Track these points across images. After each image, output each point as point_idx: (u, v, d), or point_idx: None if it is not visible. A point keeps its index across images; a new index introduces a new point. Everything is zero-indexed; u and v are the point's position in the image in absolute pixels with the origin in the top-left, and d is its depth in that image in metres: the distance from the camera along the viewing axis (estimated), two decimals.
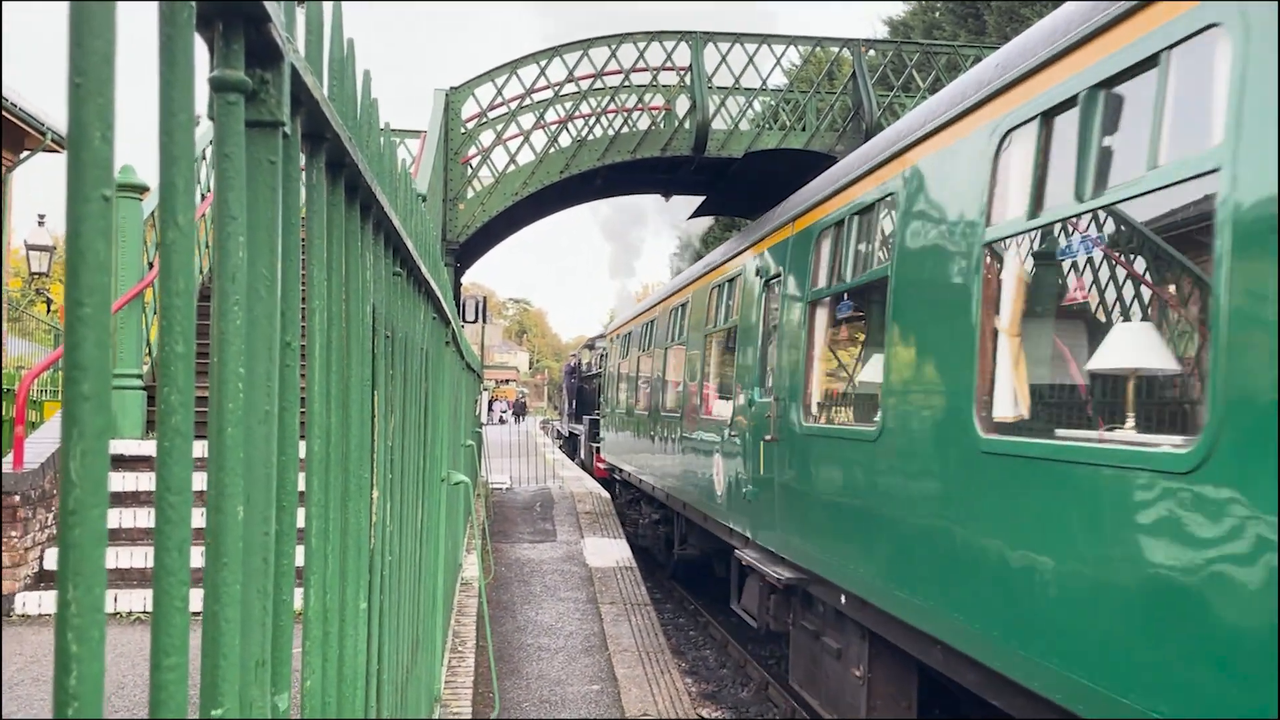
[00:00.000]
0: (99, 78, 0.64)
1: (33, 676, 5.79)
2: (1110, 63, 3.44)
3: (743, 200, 16.47)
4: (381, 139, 2.15)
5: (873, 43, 15.72)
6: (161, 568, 0.81)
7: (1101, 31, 3.50)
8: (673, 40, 14.41)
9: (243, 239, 0.99)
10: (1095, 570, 3.29)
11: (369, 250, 1.91)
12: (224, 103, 1.00)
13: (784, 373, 7.19)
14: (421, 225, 3.15)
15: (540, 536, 12.28)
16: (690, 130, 14.16)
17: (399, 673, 2.74)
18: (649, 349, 14.01)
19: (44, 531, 7.72)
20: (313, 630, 1.48)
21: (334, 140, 1.48)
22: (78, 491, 0.63)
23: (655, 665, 7.30)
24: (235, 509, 0.98)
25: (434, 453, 3.95)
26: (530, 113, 14.26)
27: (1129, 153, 3.40)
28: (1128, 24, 3.37)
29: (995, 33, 21.67)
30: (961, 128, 4.66)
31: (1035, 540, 3.67)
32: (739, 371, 8.69)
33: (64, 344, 0.64)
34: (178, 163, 0.82)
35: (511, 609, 8.74)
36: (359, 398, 1.78)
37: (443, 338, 4.46)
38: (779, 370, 7.34)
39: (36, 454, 7.69)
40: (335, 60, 1.58)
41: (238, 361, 0.99)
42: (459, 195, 13.87)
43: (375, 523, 2.10)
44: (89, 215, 0.63)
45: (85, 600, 0.63)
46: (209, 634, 0.97)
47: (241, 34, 1.00)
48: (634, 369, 15.49)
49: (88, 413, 0.63)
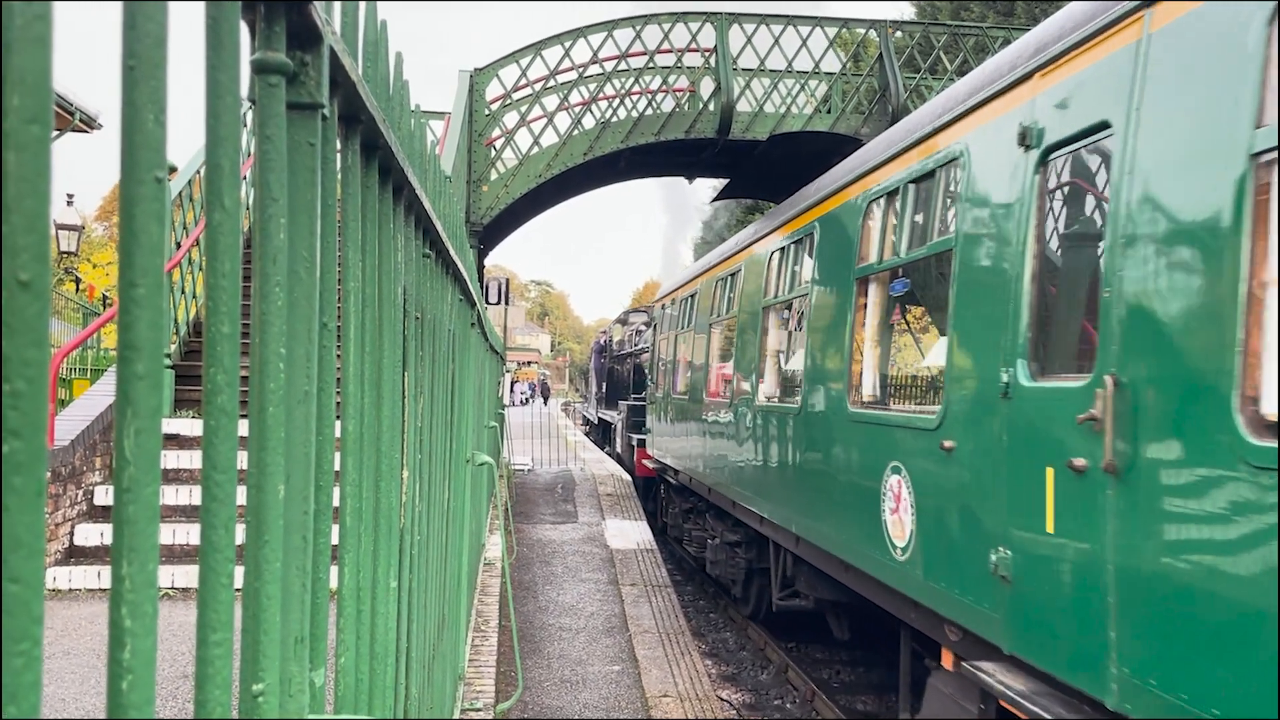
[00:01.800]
0: (152, 60, 0.64)
1: (63, 650, 5.89)
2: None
3: (767, 183, 16.40)
4: (412, 121, 2.15)
5: (900, 24, 15.57)
6: (209, 545, 0.82)
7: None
8: (698, 21, 14.32)
9: (284, 221, 1.00)
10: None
11: (400, 232, 1.92)
12: (265, 85, 1.00)
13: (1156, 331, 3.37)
14: (449, 207, 3.16)
15: (562, 518, 12.34)
16: (715, 112, 14.08)
17: (426, 651, 2.77)
18: (732, 312, 10.11)
19: (74, 508, 7.83)
20: (347, 608, 1.50)
21: (368, 122, 1.48)
22: (131, 469, 0.64)
23: (675, 647, 7.33)
24: (276, 488, 0.99)
25: (460, 433, 3.97)
26: (554, 94, 14.23)
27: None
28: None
29: (1024, 15, 21.41)
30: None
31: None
32: (972, 336, 4.72)
33: (118, 324, 0.64)
34: (224, 144, 0.83)
35: (533, 589, 8.79)
36: (391, 379, 1.79)
37: (469, 319, 4.48)
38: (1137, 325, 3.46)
39: (66, 431, 7.79)
40: (369, 42, 1.59)
41: (279, 342, 1.00)
42: (483, 177, 13.87)
43: (405, 502, 2.12)
44: (142, 197, 0.64)
45: (139, 576, 0.64)
46: (250, 610, 0.98)
47: (283, 16, 1.01)
48: (704, 342, 11.59)
49: (142, 392, 0.64)
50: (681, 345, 13.38)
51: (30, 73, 0.49)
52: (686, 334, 12.95)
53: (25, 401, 0.48)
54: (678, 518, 13.92)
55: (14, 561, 0.48)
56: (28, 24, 0.49)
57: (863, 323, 6.27)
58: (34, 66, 0.49)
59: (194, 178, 10.58)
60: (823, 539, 6.77)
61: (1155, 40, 3.52)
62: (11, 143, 0.48)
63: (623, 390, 23.37)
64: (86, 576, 7.37)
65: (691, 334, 12.48)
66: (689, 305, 12.84)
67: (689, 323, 12.76)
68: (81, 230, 20.45)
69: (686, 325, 12.97)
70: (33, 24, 0.49)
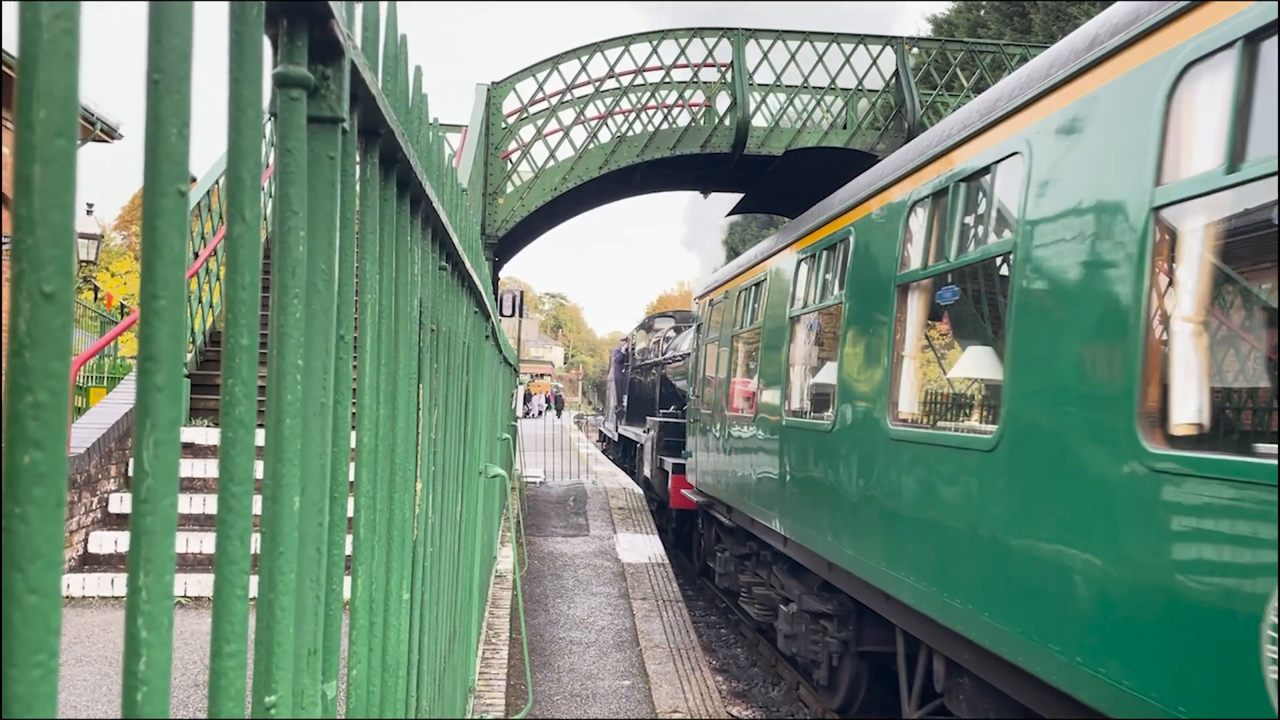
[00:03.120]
0: (176, 74, 0.65)
1: (76, 657, 5.91)
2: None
3: (782, 198, 16.41)
4: (430, 134, 2.17)
5: (917, 41, 15.59)
6: (224, 556, 0.82)
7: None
8: (714, 37, 14.37)
9: (303, 233, 1.00)
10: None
11: (417, 244, 1.93)
12: (286, 99, 1.01)
13: None
14: (465, 220, 3.18)
15: (573, 531, 12.33)
16: (730, 127, 14.12)
17: (437, 663, 2.77)
18: (835, 298, 7.16)
19: (89, 515, 7.87)
20: (359, 620, 1.50)
21: (388, 135, 1.49)
22: (150, 481, 0.64)
23: (686, 662, 7.30)
24: (292, 499, 0.99)
25: (473, 445, 3.98)
26: (570, 108, 14.29)
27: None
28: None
29: (1041, 31, 21.39)
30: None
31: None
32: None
33: (139, 336, 0.65)
34: (245, 158, 0.83)
35: (544, 602, 8.78)
36: (406, 391, 1.79)
37: (483, 331, 4.49)
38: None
39: (82, 439, 7.84)
40: (389, 55, 1.60)
41: (296, 354, 1.00)
42: (498, 189, 13.94)
43: (418, 514, 2.12)
44: (165, 210, 0.65)
45: (155, 588, 0.64)
46: (264, 622, 0.98)
47: (305, 31, 1.01)
48: (781, 342, 8.63)
49: (161, 403, 0.64)
50: (741, 349, 10.55)
51: (57, 86, 0.49)
52: (749, 334, 10.10)
53: (47, 413, 0.48)
54: (729, 564, 11.10)
55: (33, 572, 0.48)
56: (55, 38, 0.49)
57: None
58: (61, 81, 0.49)
59: (213, 188, 10.66)
60: (1038, 659, 4.03)
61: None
62: (38, 156, 0.49)
63: (646, 404, 20.92)
64: (100, 584, 7.40)
65: (759, 333, 9.48)
66: (751, 297, 10.11)
67: (752, 319, 10.00)
68: (101, 239, 20.62)
69: (749, 322, 10.12)
70: (60, 38, 0.49)
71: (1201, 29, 3.40)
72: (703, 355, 12.89)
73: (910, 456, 5.49)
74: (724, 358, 11.26)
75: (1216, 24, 3.30)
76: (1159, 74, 3.61)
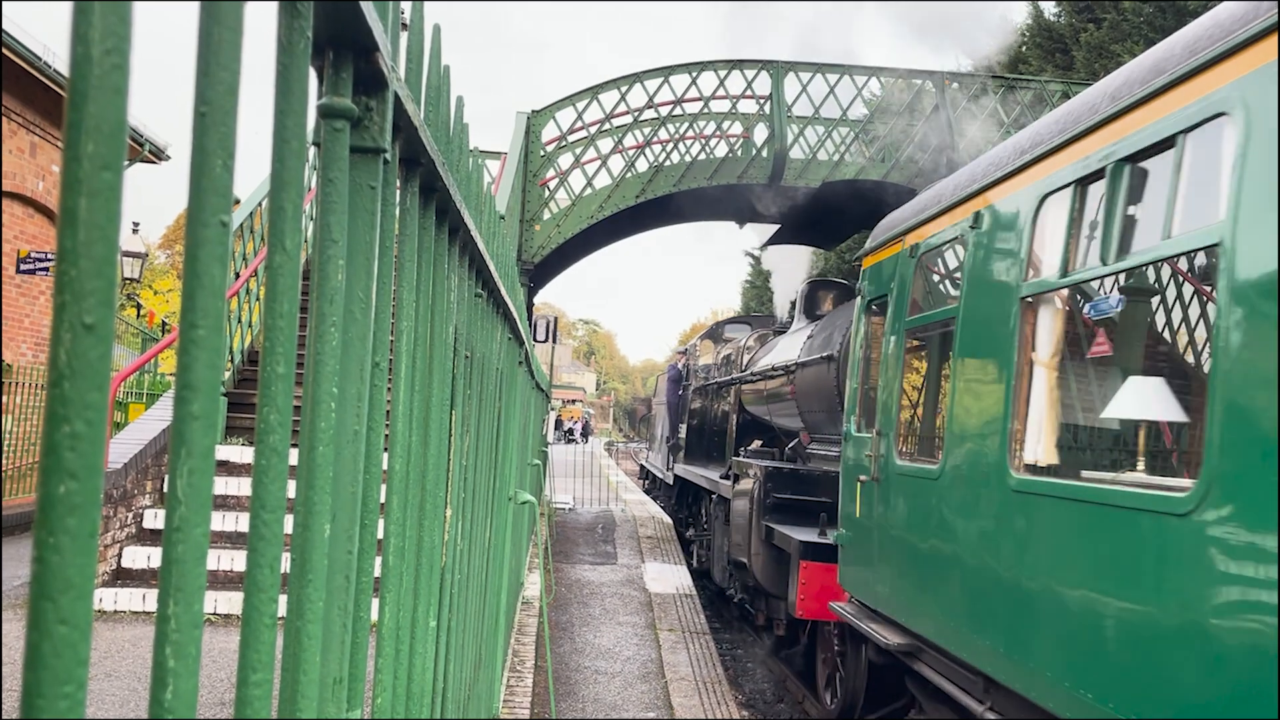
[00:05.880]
0: (223, 108, 0.66)
1: (105, 671, 5.95)
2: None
3: (817, 231, 16.38)
4: (470, 162, 2.19)
5: (957, 75, 15.56)
6: (253, 584, 0.82)
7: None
8: (754, 69, 14.44)
9: (342, 262, 1.01)
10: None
11: (454, 272, 1.94)
12: (330, 129, 1.02)
13: None
14: (502, 248, 3.20)
15: (601, 559, 12.28)
16: (768, 159, 14.15)
17: (461, 691, 2.75)
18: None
19: (123, 530, 7.96)
20: (386, 648, 1.50)
21: (428, 165, 1.51)
22: (183, 509, 0.64)
23: (712, 696, 7.22)
24: (322, 526, 0.99)
25: (504, 471, 3.98)
26: (609, 137, 14.40)
27: None
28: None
29: (1084, 68, 21.26)
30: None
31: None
32: None
33: (177, 365, 0.65)
34: (287, 188, 0.84)
35: (570, 630, 8.73)
36: (439, 417, 1.80)
37: (516, 358, 4.50)
38: None
39: (120, 454, 7.95)
40: (432, 86, 1.61)
41: (331, 382, 1.01)
42: (535, 216, 14.05)
43: (446, 540, 2.12)
44: (207, 240, 0.65)
45: (184, 616, 0.64)
46: (290, 649, 0.98)
47: (350, 63, 1.03)
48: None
49: (196, 432, 0.64)
50: (1047, 324, 4.42)
51: (106, 121, 0.50)
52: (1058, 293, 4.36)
53: (84, 444, 0.49)
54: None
55: (64, 603, 0.48)
56: (105, 74, 0.50)
57: None
58: (110, 115, 0.50)
59: (255, 210, 10.82)
60: None
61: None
62: (84, 189, 0.49)
63: (715, 438, 15.29)
64: (132, 599, 7.46)
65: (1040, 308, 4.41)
66: (984, 248, 4.95)
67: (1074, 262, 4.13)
68: (145, 258, 21.00)
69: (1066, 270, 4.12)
70: (110, 74, 0.50)
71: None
72: (891, 353, 6.44)
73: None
74: (976, 352, 4.98)
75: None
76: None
